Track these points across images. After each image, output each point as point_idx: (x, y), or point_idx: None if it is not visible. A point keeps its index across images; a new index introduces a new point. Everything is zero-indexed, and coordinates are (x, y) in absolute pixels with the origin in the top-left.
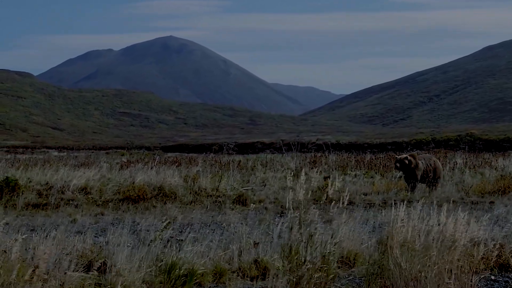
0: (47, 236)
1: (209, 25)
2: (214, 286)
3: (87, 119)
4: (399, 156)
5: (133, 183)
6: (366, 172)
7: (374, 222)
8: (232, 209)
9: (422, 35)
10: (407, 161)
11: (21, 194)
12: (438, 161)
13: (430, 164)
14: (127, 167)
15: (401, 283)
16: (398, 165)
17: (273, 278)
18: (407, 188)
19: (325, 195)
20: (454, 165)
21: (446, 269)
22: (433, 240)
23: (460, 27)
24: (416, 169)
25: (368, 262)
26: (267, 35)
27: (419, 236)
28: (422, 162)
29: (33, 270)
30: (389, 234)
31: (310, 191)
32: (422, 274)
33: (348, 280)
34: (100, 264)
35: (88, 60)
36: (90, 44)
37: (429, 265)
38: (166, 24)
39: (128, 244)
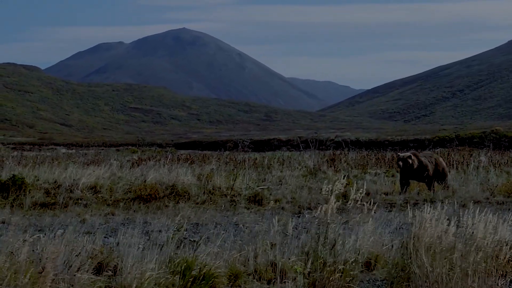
0: (55, 236)
1: (223, 16)
2: None
3: (97, 115)
4: (402, 154)
5: (145, 181)
6: (387, 170)
7: (395, 223)
8: (248, 208)
9: (445, 28)
10: (410, 160)
11: (28, 193)
12: (441, 159)
13: (432, 163)
14: (138, 165)
15: (425, 286)
16: (400, 163)
17: (292, 281)
18: (402, 189)
19: (345, 194)
20: (478, 163)
21: (471, 272)
22: (458, 241)
23: (485, 19)
24: (422, 167)
25: (391, 265)
26: (284, 27)
27: (443, 237)
28: (426, 161)
29: (41, 272)
30: (414, 236)
31: (328, 191)
32: (447, 277)
33: (369, 283)
34: (110, 266)
35: (98, 53)
36: (100, 36)
37: (453, 268)
38: (179, 15)
39: (140, 245)
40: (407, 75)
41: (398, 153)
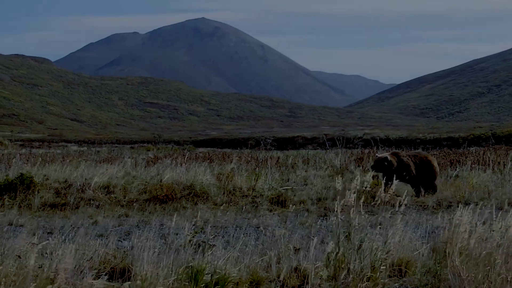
0: (65, 239)
1: (245, 6)
2: None
3: (110, 110)
4: (379, 155)
5: (161, 181)
6: None
7: (427, 226)
8: (270, 210)
9: (480, 19)
10: (386, 162)
11: (37, 192)
12: (431, 158)
13: (417, 163)
14: (154, 164)
15: None
16: (375, 165)
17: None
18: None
19: (373, 196)
20: None
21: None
22: (496, 246)
23: None
24: (403, 167)
25: (422, 271)
26: (310, 17)
27: (478, 242)
28: (408, 160)
29: (51, 278)
30: (448, 240)
31: (356, 192)
32: (485, 284)
33: None
34: (124, 271)
35: (111, 44)
36: (113, 26)
37: (490, 274)
38: (198, 4)
39: (155, 249)
40: (440, 68)
41: (376, 154)
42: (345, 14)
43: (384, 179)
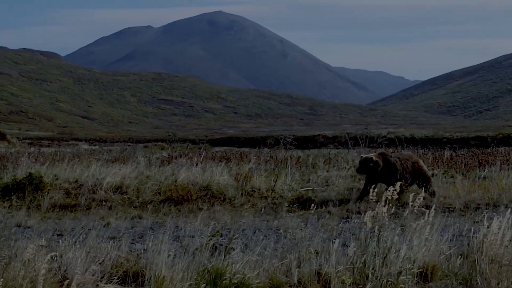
0: (76, 242)
1: None
2: None
3: (122, 107)
4: (364, 155)
5: (176, 181)
6: (445, 171)
7: (454, 229)
8: (290, 212)
9: (510, 13)
10: (372, 163)
11: (46, 193)
12: (421, 161)
13: (407, 166)
14: (169, 163)
15: None
16: (360, 166)
17: None
18: (360, 195)
19: (398, 197)
20: None
21: None
22: None
23: None
24: (390, 169)
25: (449, 277)
26: (332, 11)
27: (509, 247)
28: (397, 162)
29: (60, 282)
30: (476, 245)
31: (379, 193)
32: None
33: None
34: (137, 275)
35: (124, 38)
36: (126, 20)
37: None
38: None
39: (170, 252)
40: (467, 64)
41: (361, 155)
42: (369, 8)
43: (368, 181)
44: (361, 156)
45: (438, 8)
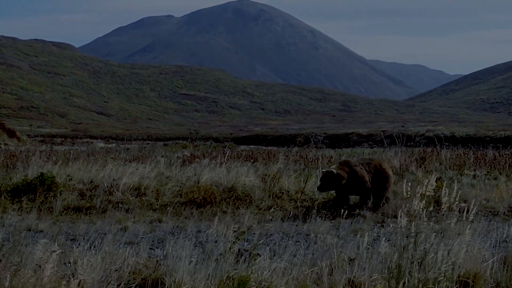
0: (91, 247)
1: None
2: None
3: (141, 103)
4: (325, 170)
5: (198, 182)
6: (488, 172)
7: (497, 234)
8: (321, 216)
9: None
10: (333, 178)
11: (59, 194)
12: (385, 166)
13: (370, 171)
14: (191, 163)
15: None
16: (321, 183)
17: None
18: (333, 205)
19: (437, 200)
20: None
21: None
22: None
23: None
24: (355, 180)
25: (492, 285)
26: (366, 0)
27: None
28: (361, 170)
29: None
30: None
31: (418, 196)
32: None
33: None
34: (156, 283)
35: (143, 28)
36: (145, 9)
37: None
38: None
39: (192, 259)
40: None
41: (322, 169)
42: None
43: (337, 195)
44: (322, 171)
45: None
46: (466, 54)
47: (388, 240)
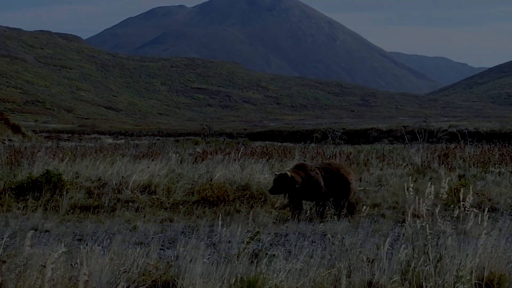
0: (99, 248)
1: None
2: None
3: (151, 97)
4: (278, 172)
5: (211, 180)
6: None
7: None
8: (339, 215)
9: None
10: (287, 181)
11: (65, 193)
12: (345, 171)
13: (327, 176)
14: (203, 160)
15: None
16: (274, 186)
17: None
18: (292, 215)
19: (460, 199)
20: None
21: None
22: None
23: None
24: (310, 184)
25: None
26: None
27: None
28: (316, 174)
29: None
30: None
31: (440, 194)
32: None
33: None
34: (167, 285)
35: (153, 19)
36: None
37: None
38: None
39: (204, 260)
40: None
41: (276, 172)
42: None
43: (290, 200)
44: (275, 173)
45: None
46: (491, 46)
47: (409, 240)
